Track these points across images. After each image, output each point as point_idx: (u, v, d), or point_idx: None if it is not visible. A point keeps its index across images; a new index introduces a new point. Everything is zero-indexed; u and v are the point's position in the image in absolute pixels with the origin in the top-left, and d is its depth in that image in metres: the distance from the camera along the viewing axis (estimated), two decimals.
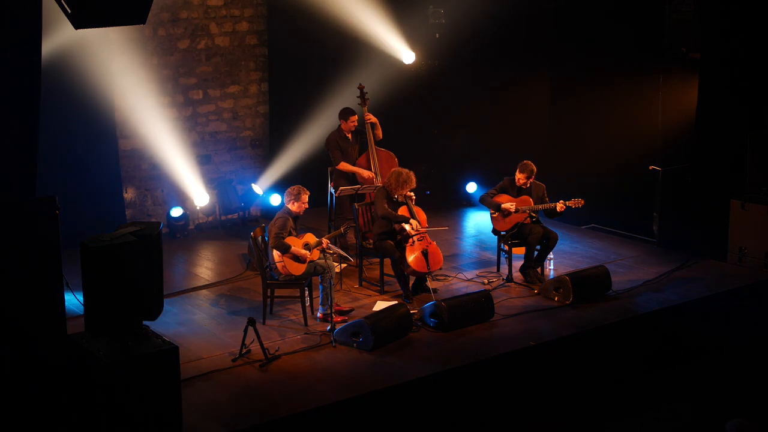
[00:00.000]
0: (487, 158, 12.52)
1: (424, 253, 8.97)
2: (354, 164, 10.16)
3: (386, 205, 9.10)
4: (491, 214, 9.61)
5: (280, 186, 11.93)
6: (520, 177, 9.51)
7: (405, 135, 12.09)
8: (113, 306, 6.12)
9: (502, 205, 9.47)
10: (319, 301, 8.60)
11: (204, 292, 9.45)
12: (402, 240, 9.02)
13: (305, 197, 8.60)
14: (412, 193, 9.21)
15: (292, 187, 8.64)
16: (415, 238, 8.99)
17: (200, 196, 11.55)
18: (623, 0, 11.13)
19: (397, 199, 9.15)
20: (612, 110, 11.45)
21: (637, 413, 7.93)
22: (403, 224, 8.98)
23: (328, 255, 8.69)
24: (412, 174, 9.15)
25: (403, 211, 9.10)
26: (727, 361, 8.85)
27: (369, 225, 9.56)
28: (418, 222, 9.06)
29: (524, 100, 12.54)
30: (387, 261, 9.21)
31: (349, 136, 10.20)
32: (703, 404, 8.03)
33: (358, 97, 10.32)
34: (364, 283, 9.53)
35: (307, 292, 8.60)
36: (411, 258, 8.95)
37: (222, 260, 10.52)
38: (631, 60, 11.09)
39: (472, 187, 12.59)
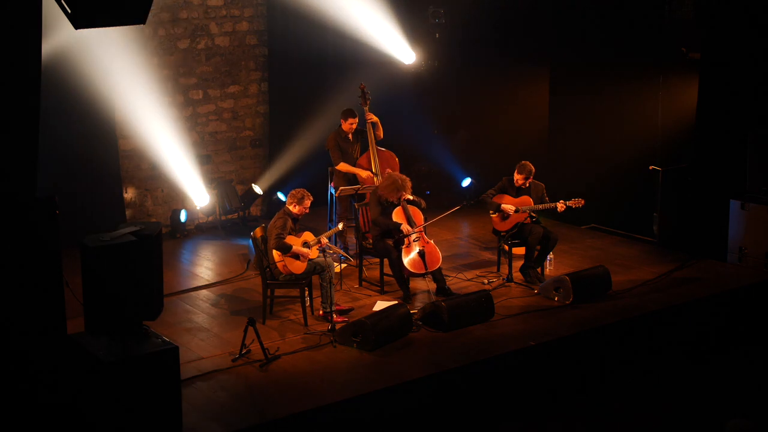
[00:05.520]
0: (486, 158, 12.53)
1: (421, 254, 8.97)
2: (354, 164, 10.16)
3: (379, 209, 9.10)
4: (491, 214, 9.61)
5: (280, 186, 11.95)
6: (518, 178, 9.50)
7: (405, 135, 12.09)
8: (113, 306, 6.12)
9: (502, 206, 9.47)
10: (320, 301, 8.60)
11: (204, 292, 9.45)
12: (399, 241, 9.02)
13: (308, 203, 8.61)
14: (408, 195, 9.19)
15: (297, 191, 8.64)
16: (411, 238, 8.99)
17: (200, 196, 11.55)
18: (623, 0, 11.14)
19: (391, 201, 9.14)
20: (612, 110, 11.46)
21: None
22: (398, 232, 8.98)
23: (327, 254, 8.69)
24: (407, 180, 9.11)
25: (397, 212, 9.09)
26: (728, 361, 8.85)
27: (369, 225, 9.56)
28: (412, 224, 9.04)
29: (524, 99, 12.55)
30: (387, 261, 9.20)
31: (350, 136, 10.20)
32: (703, 404, 8.03)
33: (359, 96, 10.31)
34: (364, 283, 9.53)
35: (307, 292, 8.60)
36: (407, 259, 8.95)
37: (222, 260, 10.52)
38: (631, 60, 11.09)
39: (465, 182, 12.61)
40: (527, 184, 9.53)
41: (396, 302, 8.60)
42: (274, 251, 8.39)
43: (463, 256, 10.47)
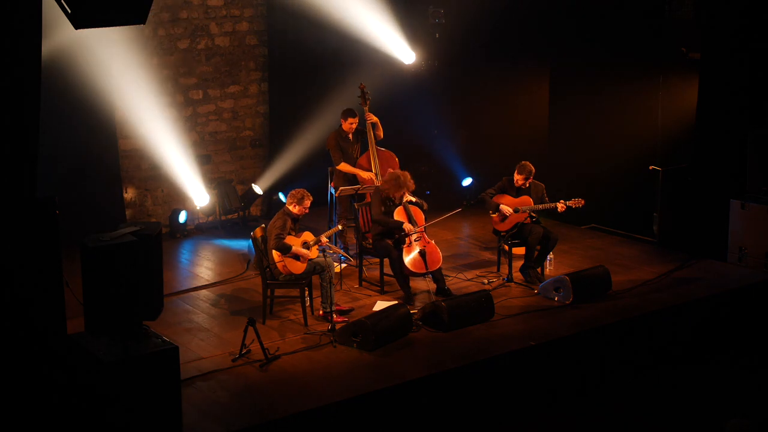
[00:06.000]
0: (486, 158, 12.53)
1: (422, 254, 8.96)
2: (355, 164, 10.16)
3: (381, 209, 9.11)
4: (491, 214, 9.62)
5: (280, 186, 11.94)
6: (518, 178, 9.51)
7: (405, 135, 12.09)
8: (113, 306, 6.12)
9: (501, 207, 9.47)
10: (320, 301, 8.60)
11: (204, 292, 9.45)
12: (399, 240, 9.02)
13: (308, 203, 8.60)
14: (410, 196, 9.20)
15: (297, 191, 8.64)
16: (412, 238, 8.99)
17: (200, 196, 11.55)
18: (623, 0, 11.14)
19: (393, 201, 9.14)
20: (612, 110, 11.46)
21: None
22: (401, 231, 9.00)
23: (327, 254, 8.69)
24: (408, 176, 9.14)
25: (399, 212, 9.10)
26: (728, 361, 8.85)
27: (369, 225, 9.56)
28: (413, 224, 9.05)
29: (524, 99, 12.56)
30: (387, 261, 9.20)
31: (350, 136, 10.21)
32: (703, 404, 8.03)
33: (359, 96, 10.31)
34: (364, 283, 9.53)
35: (307, 292, 8.60)
36: (408, 259, 8.94)
37: (222, 260, 10.52)
38: (631, 60, 11.09)
39: (467, 182, 12.63)
40: (527, 185, 9.53)
41: (396, 302, 8.60)
42: (274, 251, 8.39)
43: (463, 256, 10.47)
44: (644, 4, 10.95)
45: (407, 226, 8.99)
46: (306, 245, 8.51)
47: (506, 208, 9.44)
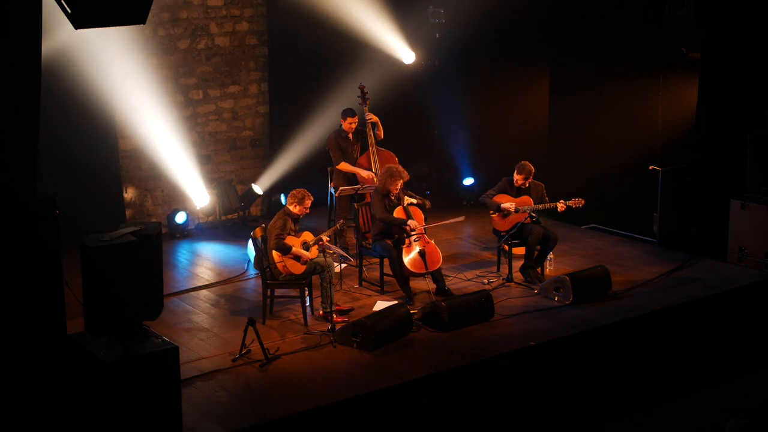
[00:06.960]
0: (487, 158, 12.54)
1: (422, 254, 8.96)
2: (354, 164, 10.16)
3: (383, 207, 9.11)
4: (491, 214, 9.62)
5: (280, 186, 11.94)
6: (518, 178, 9.51)
7: (405, 135, 12.09)
8: (113, 306, 6.12)
9: (502, 205, 9.48)
10: (320, 301, 8.60)
11: (204, 292, 9.45)
12: (399, 240, 9.01)
13: (308, 203, 8.60)
14: (410, 198, 9.20)
15: (297, 190, 8.64)
16: (412, 238, 8.98)
17: (200, 196, 11.55)
18: (623, 0, 11.14)
19: (392, 200, 9.14)
20: (612, 110, 11.46)
21: (636, 413, 7.93)
22: (404, 226, 9.00)
23: (327, 253, 8.68)
24: (401, 168, 9.14)
25: (398, 212, 9.10)
26: (727, 361, 8.85)
27: (369, 225, 9.56)
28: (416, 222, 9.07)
29: (524, 99, 12.56)
30: (387, 261, 9.20)
31: (350, 136, 10.21)
32: (703, 404, 8.03)
33: (358, 96, 10.32)
34: (364, 283, 9.53)
35: (307, 292, 8.60)
36: (408, 259, 8.94)
37: (222, 260, 10.52)
38: (631, 60, 11.10)
39: (468, 181, 12.63)
40: (527, 185, 9.53)
41: (396, 302, 8.60)
42: (274, 252, 8.39)
43: (463, 256, 10.46)
44: (644, 4, 10.96)
45: (412, 222, 8.99)
46: (306, 245, 8.51)
47: (508, 205, 9.44)
